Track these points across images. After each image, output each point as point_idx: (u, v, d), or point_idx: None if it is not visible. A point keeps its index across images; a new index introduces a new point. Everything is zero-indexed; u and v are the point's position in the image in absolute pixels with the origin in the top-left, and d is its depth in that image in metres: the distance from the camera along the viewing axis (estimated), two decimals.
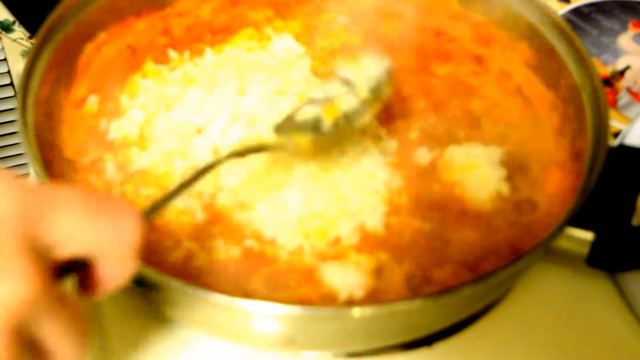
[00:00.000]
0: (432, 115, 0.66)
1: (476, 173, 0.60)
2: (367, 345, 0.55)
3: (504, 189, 0.60)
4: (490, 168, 0.61)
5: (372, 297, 0.53)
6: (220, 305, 0.46)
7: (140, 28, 0.67)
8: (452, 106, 0.67)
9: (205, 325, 0.54)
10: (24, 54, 1.07)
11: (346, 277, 0.54)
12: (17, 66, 1.08)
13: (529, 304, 0.60)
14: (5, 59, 1.07)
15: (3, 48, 1.04)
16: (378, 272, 0.54)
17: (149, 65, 0.67)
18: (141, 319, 0.57)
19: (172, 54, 0.68)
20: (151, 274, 0.46)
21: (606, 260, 0.56)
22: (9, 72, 1.08)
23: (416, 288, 0.54)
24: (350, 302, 0.53)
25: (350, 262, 0.55)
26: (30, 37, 1.03)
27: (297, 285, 0.54)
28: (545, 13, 0.65)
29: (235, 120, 0.61)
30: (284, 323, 0.48)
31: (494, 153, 0.62)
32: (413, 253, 0.56)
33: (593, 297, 0.61)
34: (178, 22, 0.69)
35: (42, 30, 0.60)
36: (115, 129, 0.62)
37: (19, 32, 1.02)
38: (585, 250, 0.55)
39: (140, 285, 0.47)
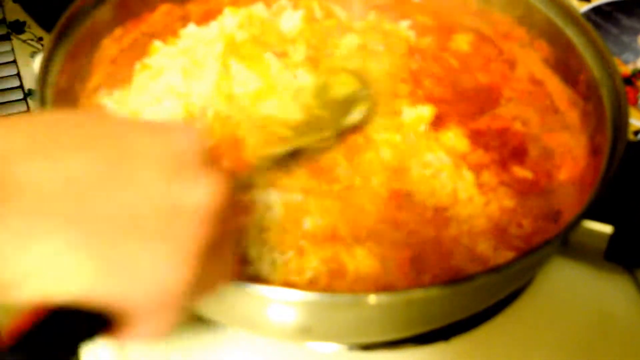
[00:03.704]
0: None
1: None
2: (383, 336, 0.58)
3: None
4: None
5: None
6: (236, 291, 0.49)
7: (157, 16, 0.71)
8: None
9: (220, 313, 0.57)
10: (33, 55, 1.10)
11: None
12: (27, 69, 1.11)
13: (547, 299, 0.62)
14: (14, 61, 1.10)
15: (13, 49, 1.07)
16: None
17: (156, 44, 0.71)
18: None
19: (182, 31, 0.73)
20: None
21: (625, 255, 0.58)
22: (18, 74, 1.11)
23: None
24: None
25: None
26: (40, 39, 1.06)
27: None
28: (565, 9, 0.68)
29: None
30: (300, 310, 0.51)
31: None
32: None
33: (611, 292, 0.63)
34: (197, 8, 0.74)
35: (57, 28, 0.63)
36: None
37: (29, 33, 1.06)
38: (603, 245, 0.57)
39: None
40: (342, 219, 0.59)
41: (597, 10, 0.85)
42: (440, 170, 0.62)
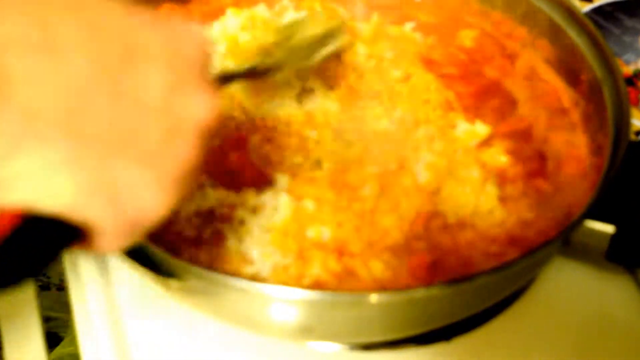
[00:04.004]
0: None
1: None
2: (385, 336, 0.58)
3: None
4: None
5: None
6: (238, 290, 0.49)
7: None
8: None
9: (221, 312, 0.57)
10: None
11: None
12: None
13: (548, 299, 0.63)
14: None
15: None
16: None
17: None
18: (155, 303, 0.61)
19: None
20: (168, 258, 0.49)
21: (626, 255, 0.58)
22: None
23: None
24: None
25: None
26: None
27: None
28: (567, 9, 0.68)
29: None
30: (302, 309, 0.51)
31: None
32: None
33: (613, 292, 0.64)
34: (199, 8, 0.74)
35: None
36: None
37: None
38: (605, 245, 0.58)
39: (157, 272, 0.50)
40: (356, 235, 0.58)
41: (598, 10, 0.85)
42: (469, 185, 0.62)
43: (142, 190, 0.36)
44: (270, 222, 0.57)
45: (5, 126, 0.32)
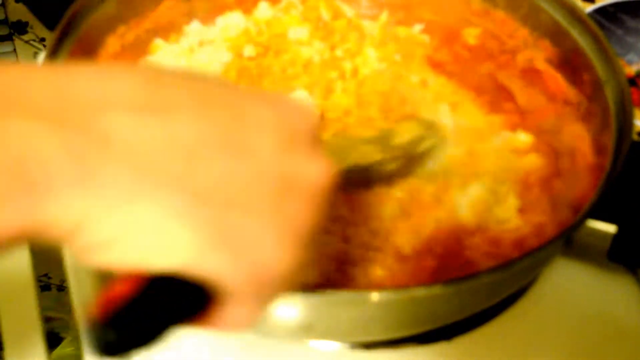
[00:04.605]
0: None
1: None
2: (385, 335, 0.58)
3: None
4: None
5: None
6: None
7: (161, 11, 0.72)
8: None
9: None
10: (36, 56, 1.10)
11: None
12: None
13: (549, 299, 0.63)
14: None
15: (15, 50, 1.08)
16: None
17: (157, 42, 0.72)
18: None
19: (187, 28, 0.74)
20: None
21: (628, 255, 0.58)
22: None
23: None
24: None
25: None
26: (43, 40, 1.07)
27: None
28: (569, 9, 0.68)
29: None
30: (302, 308, 0.51)
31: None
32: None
33: (614, 292, 0.63)
34: (202, 4, 0.74)
35: (61, 25, 0.64)
36: None
37: (32, 34, 1.06)
38: (607, 244, 0.58)
39: None
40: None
41: (601, 11, 0.85)
42: (493, 196, 0.62)
43: (261, 241, 0.34)
44: None
45: (113, 180, 0.31)
